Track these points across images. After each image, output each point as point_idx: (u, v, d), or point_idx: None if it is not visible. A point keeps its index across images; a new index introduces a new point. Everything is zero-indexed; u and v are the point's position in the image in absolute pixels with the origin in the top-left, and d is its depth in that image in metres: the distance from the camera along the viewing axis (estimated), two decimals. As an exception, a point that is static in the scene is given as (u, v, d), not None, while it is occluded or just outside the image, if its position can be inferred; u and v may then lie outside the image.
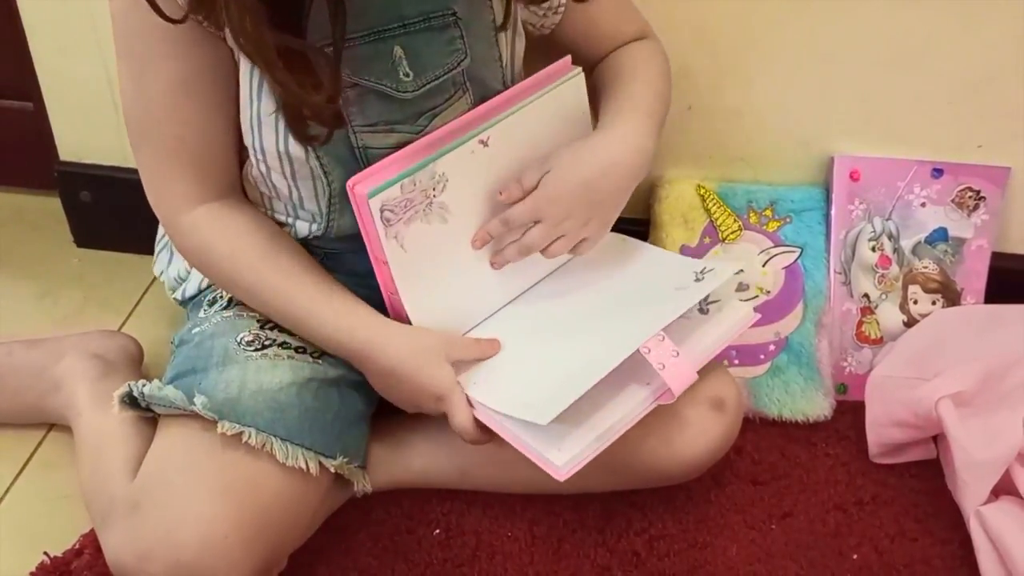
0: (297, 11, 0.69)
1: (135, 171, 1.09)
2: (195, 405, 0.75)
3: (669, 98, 0.86)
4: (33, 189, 1.22)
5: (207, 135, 0.77)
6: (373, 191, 0.72)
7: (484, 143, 0.77)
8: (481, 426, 0.76)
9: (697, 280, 0.79)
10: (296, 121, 0.73)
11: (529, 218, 0.79)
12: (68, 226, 1.18)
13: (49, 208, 1.20)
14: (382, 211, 0.72)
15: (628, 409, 0.75)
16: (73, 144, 1.13)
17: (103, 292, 1.13)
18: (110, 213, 1.15)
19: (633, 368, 0.75)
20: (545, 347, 0.78)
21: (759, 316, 0.82)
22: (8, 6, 1.04)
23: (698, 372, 0.79)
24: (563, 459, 0.72)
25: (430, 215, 0.76)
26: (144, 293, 1.12)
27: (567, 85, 0.81)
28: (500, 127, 0.77)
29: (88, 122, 1.11)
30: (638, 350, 0.74)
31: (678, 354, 0.74)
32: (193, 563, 0.71)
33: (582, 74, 0.82)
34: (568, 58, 0.82)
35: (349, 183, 0.73)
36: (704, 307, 0.81)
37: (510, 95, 0.79)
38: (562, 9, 0.83)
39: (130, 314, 1.09)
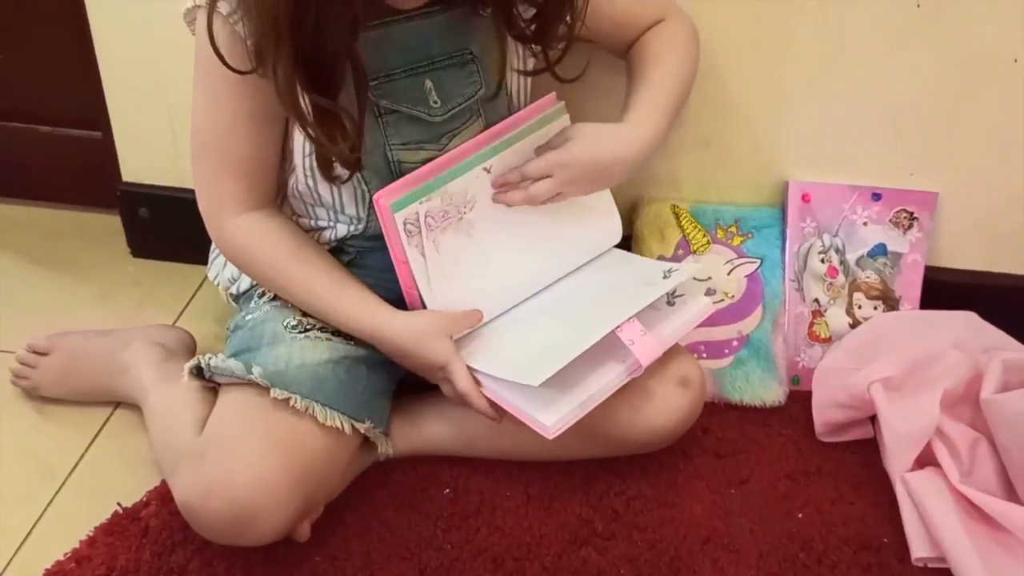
0: (330, 76, 0.82)
1: (187, 191, 1.23)
2: (252, 374, 0.88)
3: (693, 74, 0.97)
4: (94, 208, 1.34)
5: (259, 155, 0.91)
6: (396, 204, 0.85)
7: (487, 170, 0.90)
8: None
9: (664, 278, 0.94)
10: (324, 164, 0.87)
11: (543, 173, 0.90)
12: (125, 239, 1.29)
13: (105, 224, 1.32)
14: (405, 223, 0.86)
15: (606, 381, 0.89)
16: (134, 167, 1.25)
17: (157, 295, 1.24)
18: (164, 227, 1.27)
19: (610, 348, 0.89)
20: (537, 328, 0.92)
21: (715, 309, 0.96)
22: (87, 48, 1.17)
23: (667, 356, 0.93)
24: (551, 420, 0.86)
25: (460, 228, 0.89)
26: (192, 296, 1.23)
27: (556, 124, 0.93)
28: (500, 157, 0.91)
29: (149, 148, 1.23)
30: (614, 331, 0.88)
31: (645, 333, 0.88)
32: (247, 500, 0.84)
33: (566, 110, 0.94)
34: (553, 95, 0.94)
35: (375, 196, 0.86)
36: (672, 300, 0.95)
37: (507, 124, 0.92)
38: (583, 30, 0.91)
39: (181, 314, 1.21)
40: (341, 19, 0.80)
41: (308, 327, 0.93)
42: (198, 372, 0.93)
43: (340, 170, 0.87)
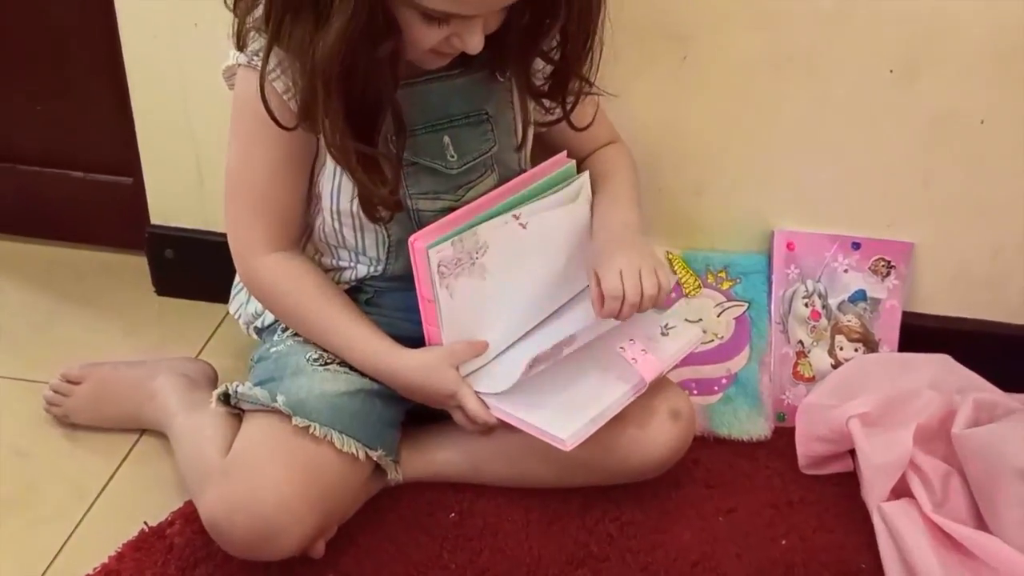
0: (372, 127, 0.90)
1: (210, 233, 1.32)
2: (276, 402, 0.95)
3: (639, 184, 1.07)
4: (122, 248, 1.40)
5: (287, 199, 0.98)
6: (431, 245, 0.92)
7: (516, 217, 0.97)
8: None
9: (663, 334, 1.02)
10: (368, 206, 0.94)
11: (614, 297, 0.93)
12: (150, 278, 1.35)
13: (130, 263, 1.38)
14: (439, 265, 0.92)
15: (614, 399, 0.96)
16: (162, 210, 1.31)
17: (179, 331, 1.29)
18: (188, 267, 1.33)
19: (618, 370, 0.97)
20: (548, 370, 0.98)
21: (704, 337, 1.05)
22: (123, 100, 1.25)
23: (659, 390, 1.00)
24: (567, 434, 0.92)
25: (473, 272, 0.95)
26: (213, 332, 1.29)
27: (577, 182, 1.01)
28: (529, 207, 0.97)
29: (176, 193, 1.29)
30: (617, 351, 0.96)
31: (647, 352, 0.96)
32: (270, 517, 0.90)
33: (587, 171, 1.03)
34: (565, 152, 1.03)
35: (411, 239, 0.92)
36: (665, 331, 1.02)
37: (526, 178, 1.00)
38: (557, 112, 1.00)
39: (202, 348, 1.27)
40: (385, 78, 0.88)
41: (328, 361, 1.00)
42: (225, 398, 0.99)
43: (384, 212, 0.94)
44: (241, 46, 0.92)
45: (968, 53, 1.07)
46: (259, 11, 0.89)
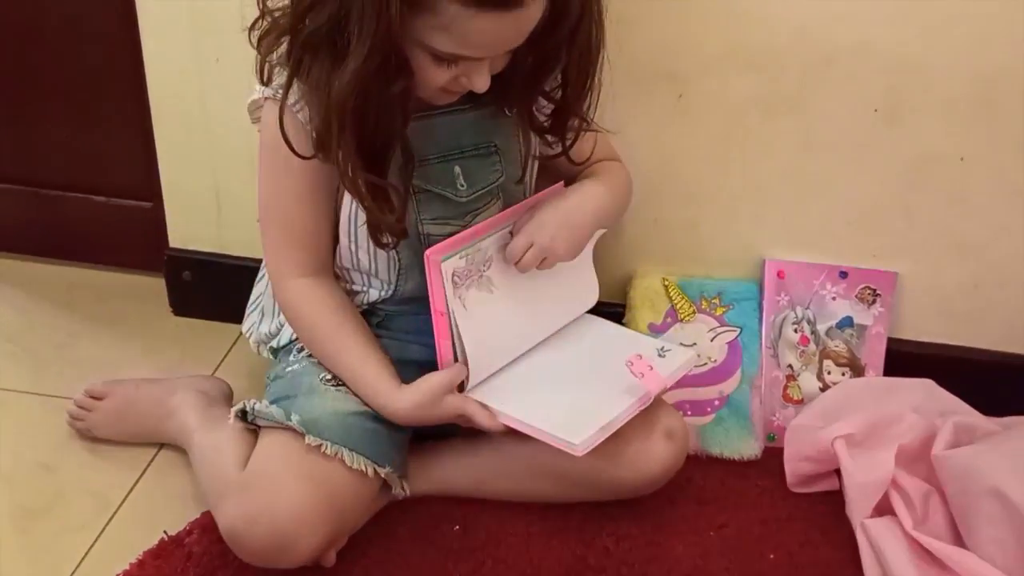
0: (382, 160, 0.95)
1: (227, 256, 1.37)
2: (291, 421, 1.00)
3: (624, 201, 1.11)
4: (141, 270, 1.45)
5: (315, 227, 1.03)
6: (445, 258, 0.98)
7: (512, 233, 1.03)
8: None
9: (660, 356, 1.08)
10: (375, 232, 0.99)
11: (525, 244, 1.00)
12: (167, 299, 1.40)
13: (148, 284, 1.43)
14: (453, 275, 0.98)
15: (622, 409, 1.01)
16: (181, 234, 1.36)
17: (196, 349, 1.33)
18: (204, 289, 1.38)
19: (625, 383, 1.02)
20: (555, 384, 1.05)
21: (698, 360, 1.11)
22: (146, 128, 1.30)
23: (655, 411, 1.05)
24: (578, 439, 0.97)
25: (481, 284, 1.01)
26: (228, 351, 1.34)
27: None
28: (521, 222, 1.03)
29: (195, 218, 1.34)
30: (624, 365, 1.01)
31: (652, 368, 1.02)
32: (286, 528, 0.95)
33: None
34: (562, 183, 1.09)
35: (426, 253, 0.96)
36: (662, 353, 1.08)
37: (525, 203, 1.06)
38: (558, 146, 1.05)
39: (218, 366, 1.32)
40: (395, 113, 0.94)
41: (340, 382, 1.05)
42: (242, 415, 1.04)
43: (389, 237, 1.00)
44: (266, 81, 0.98)
45: (948, 97, 1.13)
46: (282, 47, 0.95)
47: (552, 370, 1.07)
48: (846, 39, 1.11)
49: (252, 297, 1.21)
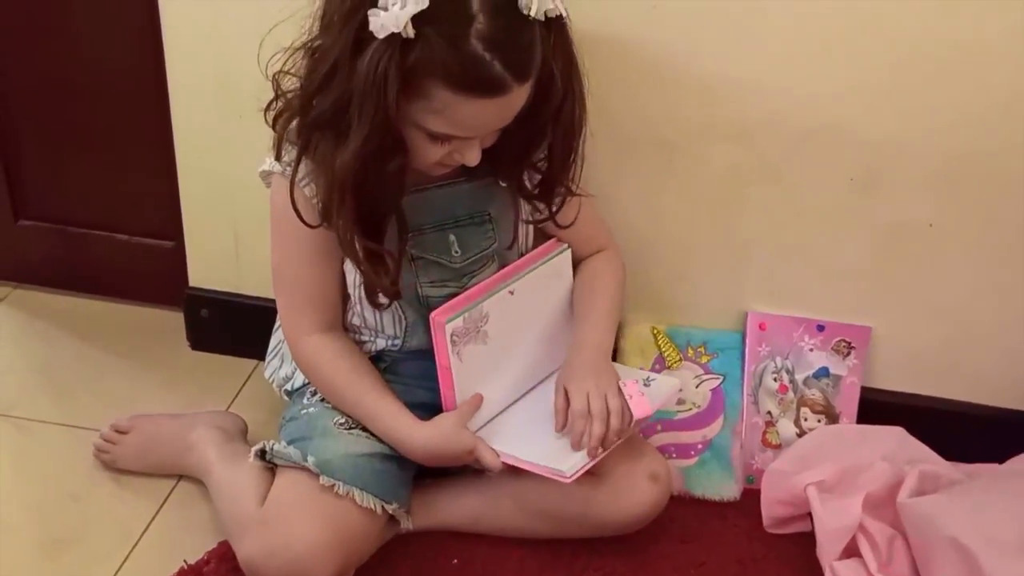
0: (378, 227, 1.02)
1: (243, 296, 1.44)
2: (307, 462, 1.07)
3: (623, 300, 1.18)
4: (160, 306, 1.53)
5: (324, 288, 1.11)
6: (449, 320, 1.06)
7: (511, 292, 1.12)
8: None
9: (646, 385, 1.15)
10: (371, 294, 1.07)
11: (582, 416, 1.05)
12: (185, 334, 1.47)
13: (166, 320, 1.51)
14: (452, 335, 1.06)
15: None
16: (200, 274, 1.43)
17: (211, 383, 1.40)
18: (220, 326, 1.45)
19: None
20: (545, 422, 1.12)
21: (681, 389, 1.18)
22: (170, 172, 1.37)
23: (640, 454, 1.13)
24: (567, 466, 1.05)
25: (477, 338, 1.09)
26: (243, 385, 1.41)
27: (560, 257, 1.17)
28: (521, 282, 1.12)
29: (214, 259, 1.41)
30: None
31: (644, 394, 1.09)
32: (301, 561, 1.03)
33: (569, 249, 1.18)
34: (555, 240, 1.17)
35: (432, 315, 1.05)
36: (648, 382, 1.15)
37: (524, 262, 1.14)
38: (545, 211, 1.11)
39: (233, 399, 1.39)
40: (392, 187, 1.02)
41: (352, 426, 1.12)
42: (261, 454, 1.12)
43: (383, 299, 1.08)
44: (278, 156, 1.06)
45: (920, 169, 1.20)
46: (294, 125, 1.03)
47: (544, 411, 1.14)
48: (819, 121, 1.19)
49: (271, 344, 1.28)
